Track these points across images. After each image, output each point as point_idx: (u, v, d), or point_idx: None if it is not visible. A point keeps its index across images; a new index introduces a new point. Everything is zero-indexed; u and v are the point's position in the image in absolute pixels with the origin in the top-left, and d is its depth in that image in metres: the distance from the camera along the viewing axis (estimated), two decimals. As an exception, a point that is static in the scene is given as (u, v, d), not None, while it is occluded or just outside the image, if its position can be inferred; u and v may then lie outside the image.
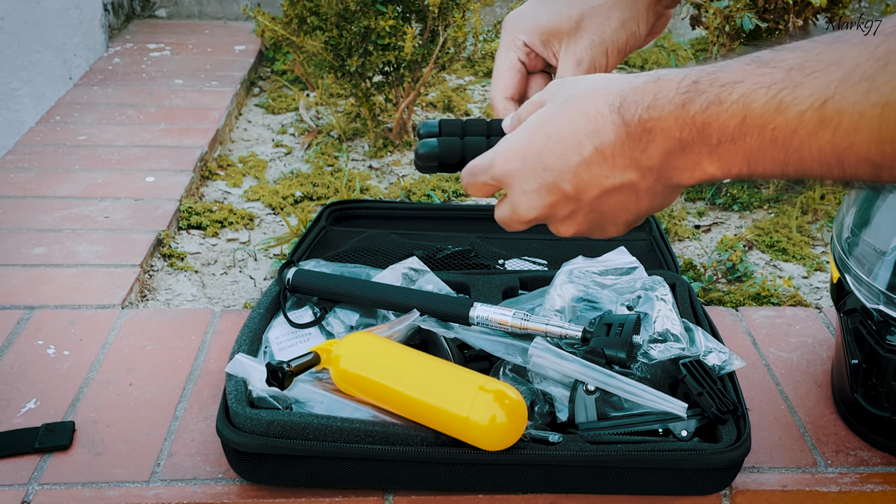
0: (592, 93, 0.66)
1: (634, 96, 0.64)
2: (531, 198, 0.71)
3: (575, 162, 0.67)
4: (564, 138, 0.67)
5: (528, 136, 0.70)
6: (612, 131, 0.65)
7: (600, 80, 0.69)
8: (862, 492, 0.97)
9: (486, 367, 1.02)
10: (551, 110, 0.69)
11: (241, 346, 1.04)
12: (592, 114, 0.66)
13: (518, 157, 0.70)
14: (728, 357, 1.02)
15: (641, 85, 0.64)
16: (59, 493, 0.94)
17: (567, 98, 0.68)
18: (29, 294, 1.30)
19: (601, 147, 0.66)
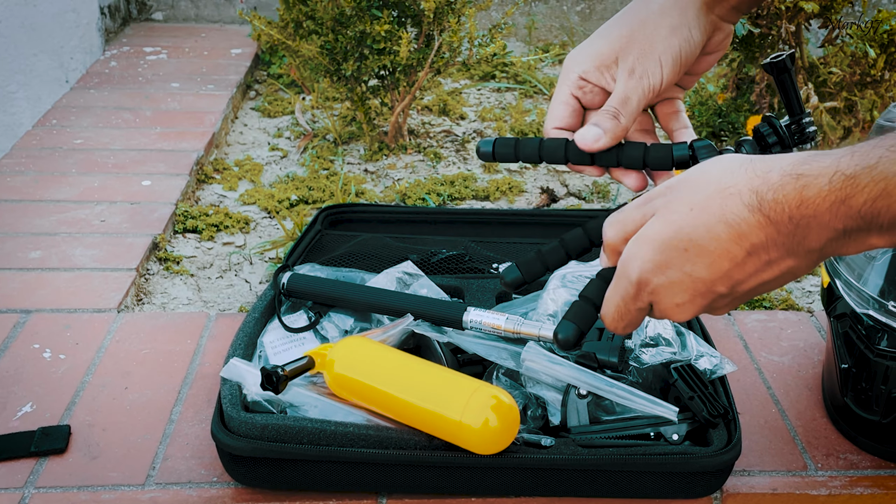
0: (721, 195, 0.65)
1: (774, 195, 0.63)
2: (685, 308, 0.70)
3: (726, 268, 0.66)
4: (706, 249, 0.66)
5: (660, 253, 0.68)
6: (760, 232, 0.64)
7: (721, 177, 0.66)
8: (851, 495, 0.98)
9: (479, 372, 1.03)
10: (676, 223, 0.67)
11: (236, 350, 1.04)
12: (731, 218, 0.64)
13: (660, 272, 0.68)
14: (719, 361, 1.02)
15: (779, 182, 0.63)
16: (55, 497, 0.95)
17: (692, 206, 0.66)
18: (25, 298, 1.30)
19: (752, 249, 0.65)
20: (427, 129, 2.07)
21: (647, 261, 0.68)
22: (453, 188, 1.76)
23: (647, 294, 0.70)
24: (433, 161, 1.91)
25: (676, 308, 0.70)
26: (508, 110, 2.18)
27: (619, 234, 0.72)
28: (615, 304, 0.73)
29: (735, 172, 0.65)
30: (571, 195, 1.81)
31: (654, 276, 0.69)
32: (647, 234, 0.68)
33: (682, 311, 0.70)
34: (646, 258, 0.68)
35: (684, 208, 0.66)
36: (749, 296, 0.69)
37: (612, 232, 0.73)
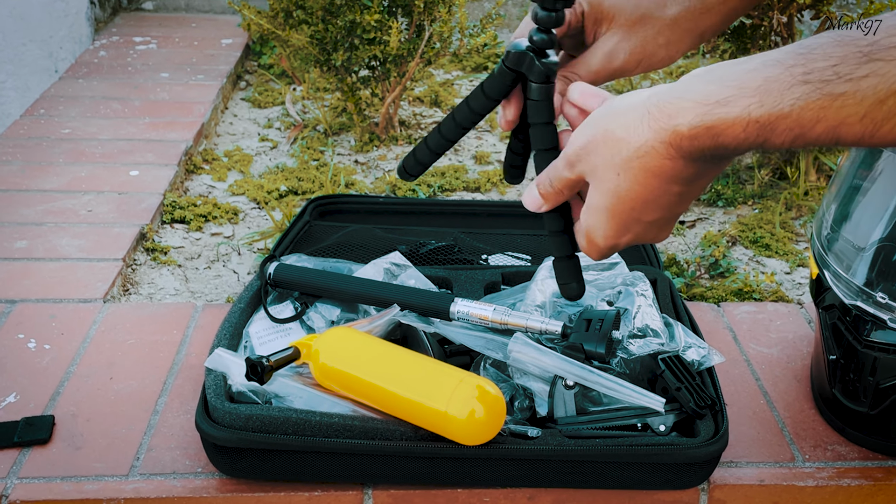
0: (637, 156, 0.68)
1: (690, 143, 0.65)
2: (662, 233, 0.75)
3: (676, 199, 0.70)
4: (649, 199, 0.70)
5: (613, 219, 0.72)
6: (688, 168, 0.67)
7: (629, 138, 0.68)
8: (839, 486, 0.98)
9: (466, 363, 1.03)
10: (611, 188, 0.70)
11: (221, 340, 1.04)
12: (657, 170, 0.68)
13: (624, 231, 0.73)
14: (707, 352, 1.02)
15: (688, 133, 0.64)
16: (38, 487, 0.94)
17: (618, 170, 0.69)
18: (10, 288, 1.29)
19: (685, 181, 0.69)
20: (418, 121, 2.06)
21: (607, 229, 0.73)
22: (444, 179, 1.75)
23: (621, 247, 0.76)
24: (424, 152, 1.90)
25: (653, 238, 0.75)
26: (500, 102, 2.17)
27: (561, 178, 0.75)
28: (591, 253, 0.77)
29: (640, 129, 0.67)
30: (562, 187, 1.80)
31: (620, 239, 0.74)
32: (594, 204, 0.73)
33: (661, 236, 0.76)
34: (605, 227, 0.73)
35: (612, 174, 0.70)
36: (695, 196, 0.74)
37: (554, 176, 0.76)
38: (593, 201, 0.73)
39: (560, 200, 0.77)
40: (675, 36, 0.85)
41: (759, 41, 1.75)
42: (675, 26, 0.85)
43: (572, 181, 0.74)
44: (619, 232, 0.73)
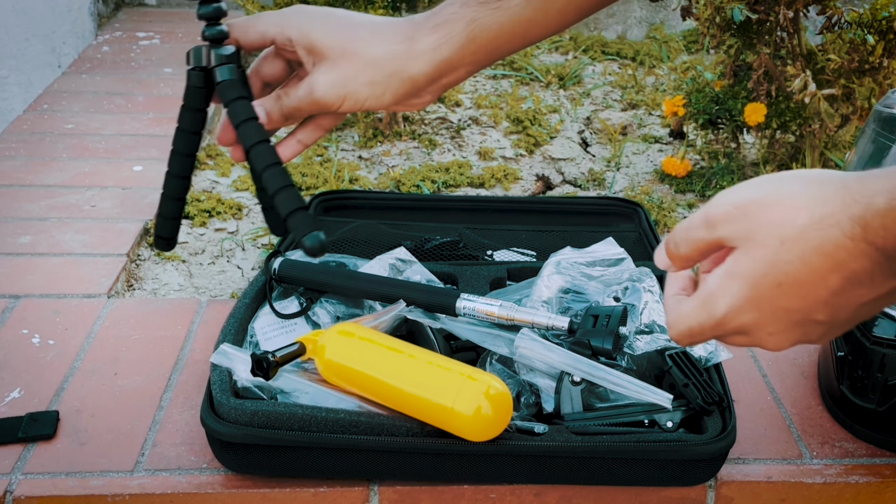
0: (816, 227, 0.60)
1: (883, 221, 0.57)
2: (780, 337, 0.66)
3: (823, 296, 0.62)
4: (801, 281, 0.61)
5: (751, 290, 0.63)
6: (863, 259, 0.59)
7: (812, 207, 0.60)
8: (847, 483, 0.97)
9: (472, 358, 1.02)
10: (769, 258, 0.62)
11: (227, 336, 1.03)
12: (829, 249, 0.59)
13: (751, 309, 0.64)
14: (714, 349, 1.02)
15: (886, 207, 0.57)
16: (43, 483, 0.94)
17: (783, 240, 0.61)
18: (14, 283, 1.29)
19: (852, 276, 0.60)
20: (422, 116, 2.05)
21: (737, 297, 0.64)
22: (448, 175, 1.74)
23: (732, 327, 0.66)
24: (428, 148, 1.90)
25: (769, 338, 0.66)
26: (504, 97, 2.17)
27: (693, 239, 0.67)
28: (688, 326, 0.68)
29: (829, 200, 0.60)
30: (567, 182, 1.79)
31: (743, 314, 0.65)
32: (737, 269, 0.63)
33: (777, 341, 0.66)
34: (736, 295, 0.64)
35: (774, 242, 0.61)
36: (850, 323, 0.65)
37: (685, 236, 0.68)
38: (736, 266, 0.63)
39: (688, 265, 0.69)
40: (379, 77, 0.82)
41: (764, 36, 1.74)
42: (376, 66, 0.82)
43: (707, 243, 0.65)
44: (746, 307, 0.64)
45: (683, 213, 1.66)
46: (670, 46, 2.52)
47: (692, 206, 1.68)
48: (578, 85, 2.28)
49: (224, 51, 0.85)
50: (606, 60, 2.47)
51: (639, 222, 1.43)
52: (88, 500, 0.93)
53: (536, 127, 1.99)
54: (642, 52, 2.46)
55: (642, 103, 2.16)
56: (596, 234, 1.39)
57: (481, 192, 1.72)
